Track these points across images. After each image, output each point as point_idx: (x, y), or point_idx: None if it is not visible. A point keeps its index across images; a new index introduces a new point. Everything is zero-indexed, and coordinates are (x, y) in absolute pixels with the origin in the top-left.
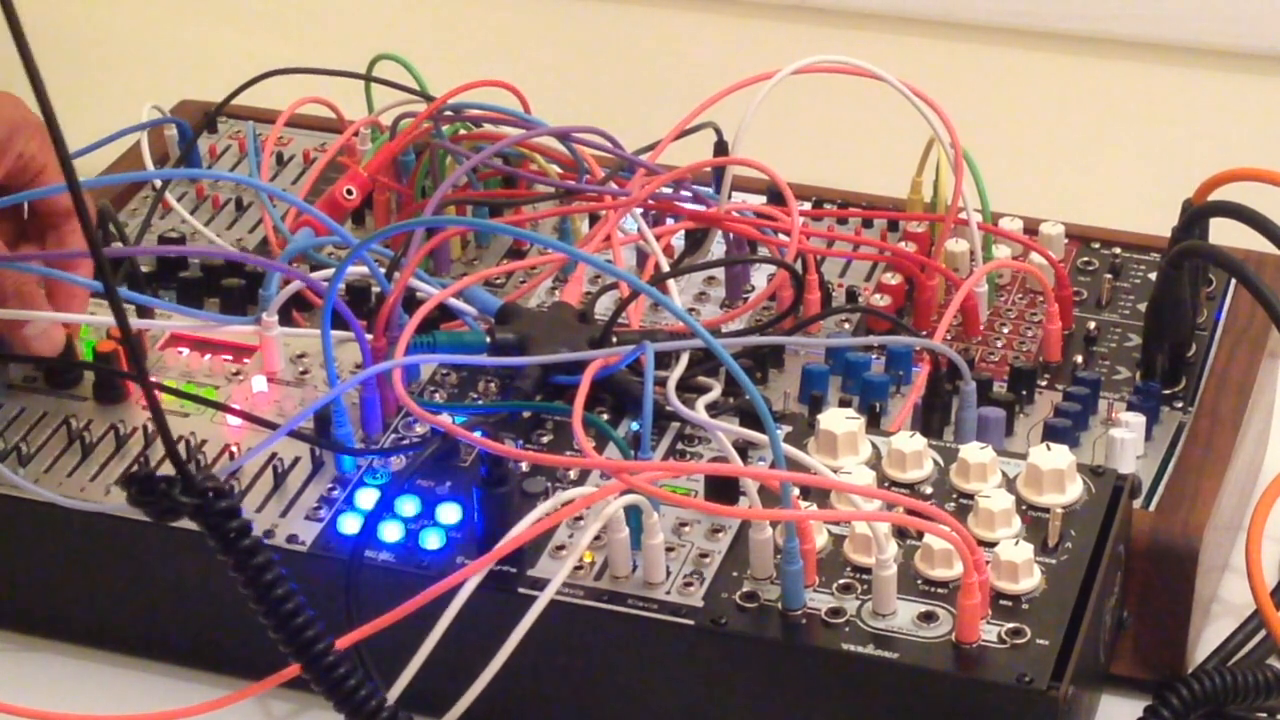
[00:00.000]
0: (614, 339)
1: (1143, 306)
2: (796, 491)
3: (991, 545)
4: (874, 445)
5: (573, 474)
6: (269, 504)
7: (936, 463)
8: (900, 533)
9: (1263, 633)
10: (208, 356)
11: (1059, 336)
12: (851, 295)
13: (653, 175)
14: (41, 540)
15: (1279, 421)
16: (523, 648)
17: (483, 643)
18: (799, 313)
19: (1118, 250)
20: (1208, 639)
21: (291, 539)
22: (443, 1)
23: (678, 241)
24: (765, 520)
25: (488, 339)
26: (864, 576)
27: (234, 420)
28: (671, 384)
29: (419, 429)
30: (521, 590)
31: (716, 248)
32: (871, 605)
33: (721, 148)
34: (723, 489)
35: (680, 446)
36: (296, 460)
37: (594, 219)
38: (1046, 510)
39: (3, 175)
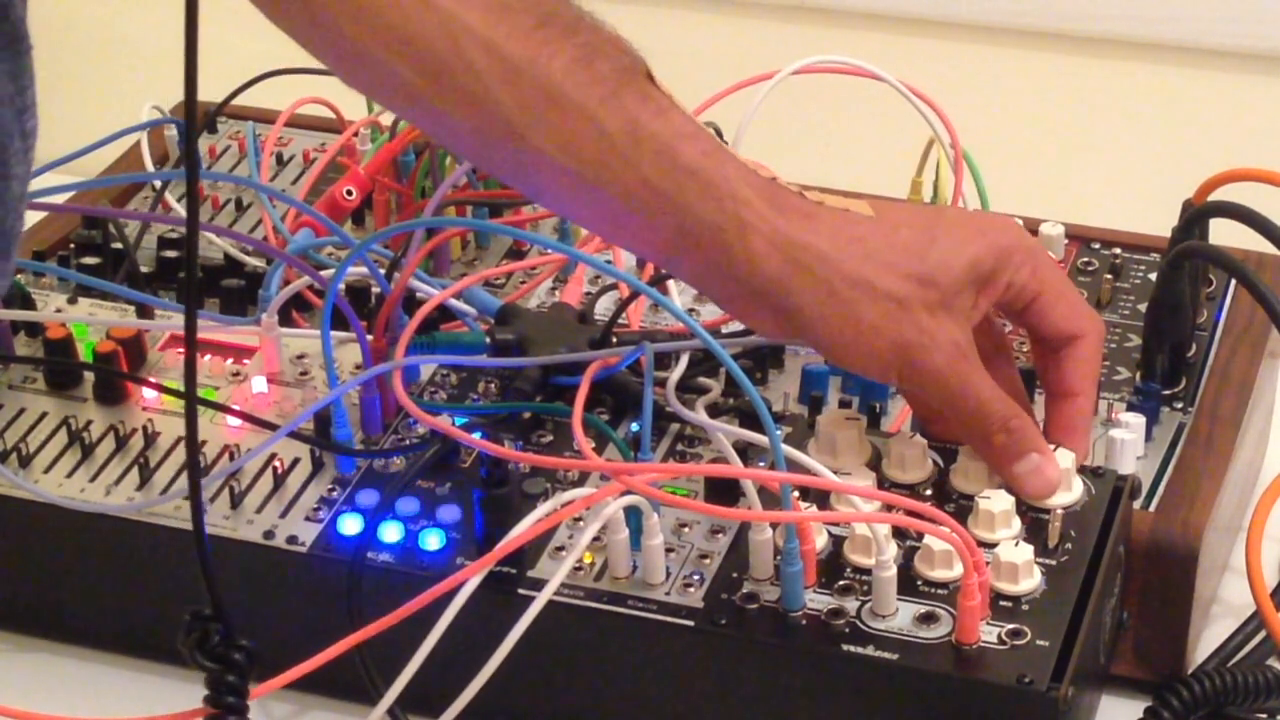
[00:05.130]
0: (614, 340)
1: (1143, 306)
2: (796, 493)
3: (991, 546)
4: (874, 446)
5: (572, 475)
6: (269, 505)
7: (936, 464)
8: (900, 534)
9: (1263, 633)
10: (208, 357)
11: None
12: None
13: None
14: (41, 540)
15: (1279, 421)
16: (522, 648)
17: (482, 643)
18: None
19: (1118, 250)
20: (1208, 639)
21: (291, 540)
22: None
23: None
24: (765, 521)
25: (487, 340)
26: (864, 577)
27: (234, 421)
28: (671, 385)
29: (419, 430)
30: (521, 591)
31: None
32: (871, 606)
33: None
34: (723, 490)
35: (680, 447)
36: (296, 461)
37: None
38: (1047, 511)
39: (990, 304)
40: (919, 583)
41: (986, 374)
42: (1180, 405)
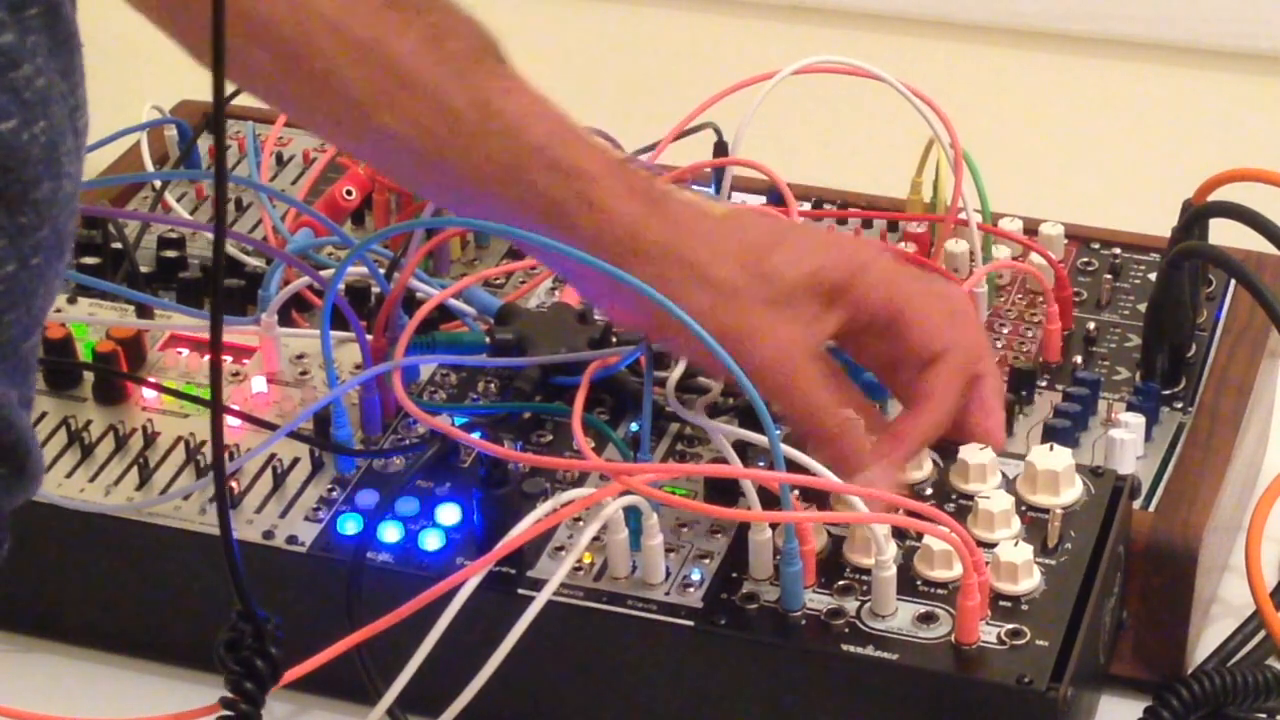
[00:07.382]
0: (614, 339)
1: (1143, 306)
2: (796, 493)
3: (991, 546)
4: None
5: (572, 475)
6: (269, 504)
7: (936, 463)
8: (900, 534)
9: (1263, 633)
10: (207, 356)
11: (1059, 337)
12: None
13: None
14: (42, 540)
15: (1279, 421)
16: (521, 648)
17: (482, 643)
18: None
19: (1118, 250)
20: (1208, 639)
21: (291, 540)
22: None
23: None
24: (765, 521)
25: (487, 340)
26: (863, 577)
27: (234, 421)
28: (671, 385)
29: (419, 429)
30: (521, 591)
31: None
32: (871, 606)
33: (721, 148)
34: (722, 490)
35: (680, 447)
36: (296, 461)
37: None
38: (1046, 511)
39: (842, 320)
40: (919, 583)
41: (826, 380)
42: (1180, 405)
